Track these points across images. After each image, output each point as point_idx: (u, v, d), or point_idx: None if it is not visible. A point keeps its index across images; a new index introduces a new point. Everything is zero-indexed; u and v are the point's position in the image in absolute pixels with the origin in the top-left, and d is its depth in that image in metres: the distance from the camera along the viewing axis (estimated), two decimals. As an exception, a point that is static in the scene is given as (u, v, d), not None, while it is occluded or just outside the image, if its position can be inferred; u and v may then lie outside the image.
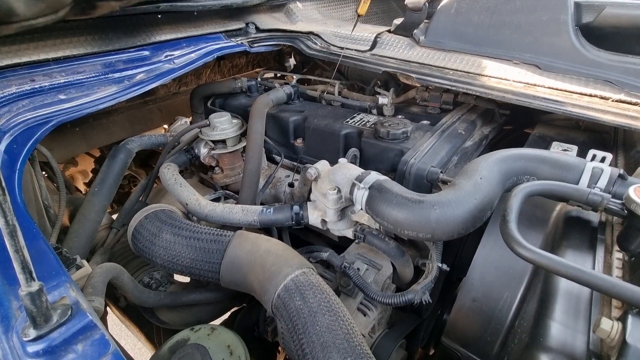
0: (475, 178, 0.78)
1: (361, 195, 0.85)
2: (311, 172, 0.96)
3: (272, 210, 1.04)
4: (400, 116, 1.37)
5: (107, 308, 1.43)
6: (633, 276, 0.71)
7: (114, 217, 1.34)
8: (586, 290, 0.73)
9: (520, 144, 1.09)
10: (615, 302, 0.68)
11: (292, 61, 2.01)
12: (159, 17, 1.32)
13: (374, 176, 0.87)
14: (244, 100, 1.53)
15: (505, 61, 1.22)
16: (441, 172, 1.00)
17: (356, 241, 1.03)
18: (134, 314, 1.41)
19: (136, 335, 1.45)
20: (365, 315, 0.99)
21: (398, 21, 1.50)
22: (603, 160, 0.89)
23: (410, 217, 0.76)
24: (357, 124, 1.26)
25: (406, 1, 1.39)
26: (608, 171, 0.79)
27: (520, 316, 0.80)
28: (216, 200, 1.24)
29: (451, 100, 1.36)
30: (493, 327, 0.83)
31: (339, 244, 1.23)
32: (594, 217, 0.88)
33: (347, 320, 0.72)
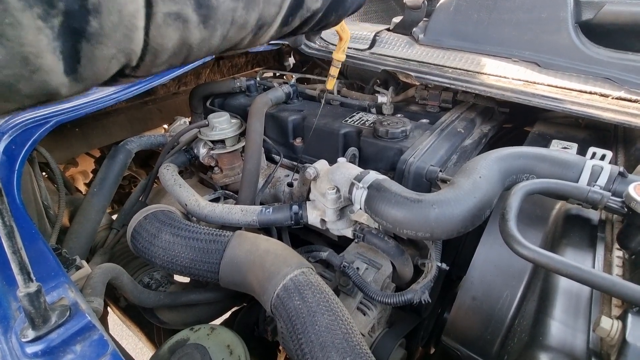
0: (474, 177, 0.78)
1: (360, 194, 0.85)
2: (310, 172, 0.96)
3: (271, 210, 1.04)
4: (399, 115, 1.36)
5: (108, 308, 1.43)
6: (633, 274, 0.71)
7: (114, 218, 1.35)
8: (586, 288, 0.73)
9: (519, 142, 1.08)
10: (615, 301, 0.68)
11: (292, 60, 2.01)
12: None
13: (373, 175, 0.87)
14: (243, 99, 1.53)
15: (504, 59, 1.21)
16: (440, 171, 0.99)
17: (355, 240, 1.02)
18: (135, 314, 1.41)
19: (137, 335, 1.45)
20: (364, 314, 0.99)
21: (397, 19, 1.49)
22: (603, 158, 0.88)
23: (409, 216, 0.76)
24: (356, 123, 1.26)
25: (405, -1, 1.39)
26: (608, 169, 0.78)
27: (520, 315, 0.80)
28: (216, 200, 1.24)
29: (450, 98, 1.36)
30: (493, 326, 0.82)
31: (339, 244, 1.23)
32: (594, 215, 0.88)
33: (347, 319, 0.72)
